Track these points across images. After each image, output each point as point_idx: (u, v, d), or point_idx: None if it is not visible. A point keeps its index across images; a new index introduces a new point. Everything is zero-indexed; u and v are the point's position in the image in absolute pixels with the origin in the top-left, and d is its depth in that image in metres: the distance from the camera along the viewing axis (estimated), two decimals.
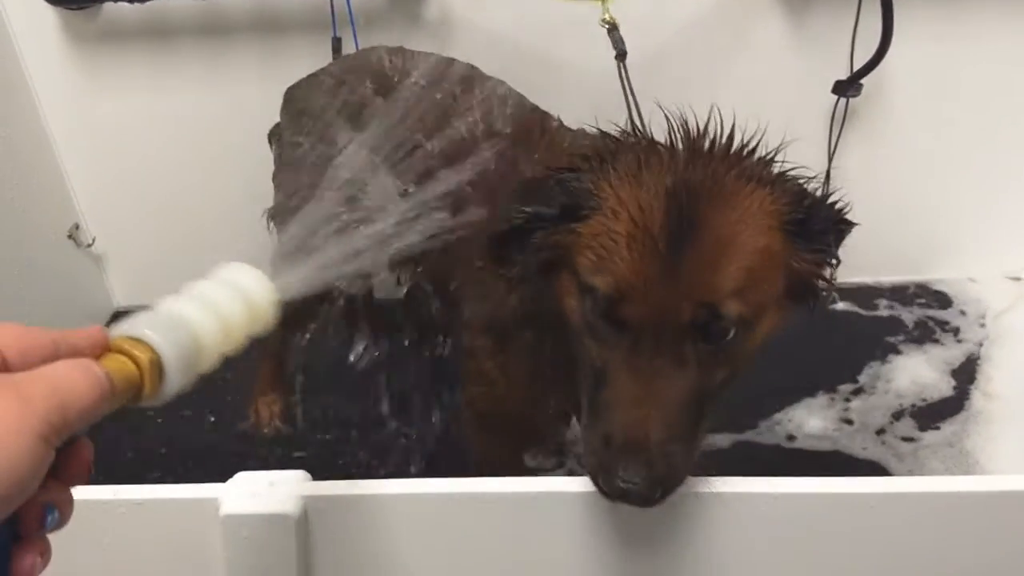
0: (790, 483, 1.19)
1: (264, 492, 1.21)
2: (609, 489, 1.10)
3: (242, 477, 1.24)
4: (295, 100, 1.96)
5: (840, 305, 2.55)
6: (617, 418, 1.12)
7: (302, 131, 1.88)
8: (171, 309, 0.86)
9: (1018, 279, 2.58)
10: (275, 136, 2.02)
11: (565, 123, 1.68)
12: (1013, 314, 2.47)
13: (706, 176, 1.15)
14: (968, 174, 2.48)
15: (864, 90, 2.30)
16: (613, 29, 1.66)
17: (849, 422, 2.17)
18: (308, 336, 2.16)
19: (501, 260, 1.29)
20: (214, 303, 0.88)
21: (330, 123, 1.82)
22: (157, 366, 0.80)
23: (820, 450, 2.11)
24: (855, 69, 2.27)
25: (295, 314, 2.05)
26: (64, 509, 0.75)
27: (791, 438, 2.14)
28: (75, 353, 0.74)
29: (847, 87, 2.28)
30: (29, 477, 0.66)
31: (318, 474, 1.19)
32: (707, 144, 1.21)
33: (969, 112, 2.39)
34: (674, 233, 1.11)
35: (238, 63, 2.36)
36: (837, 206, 1.25)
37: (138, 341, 0.80)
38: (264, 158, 2.07)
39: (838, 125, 2.38)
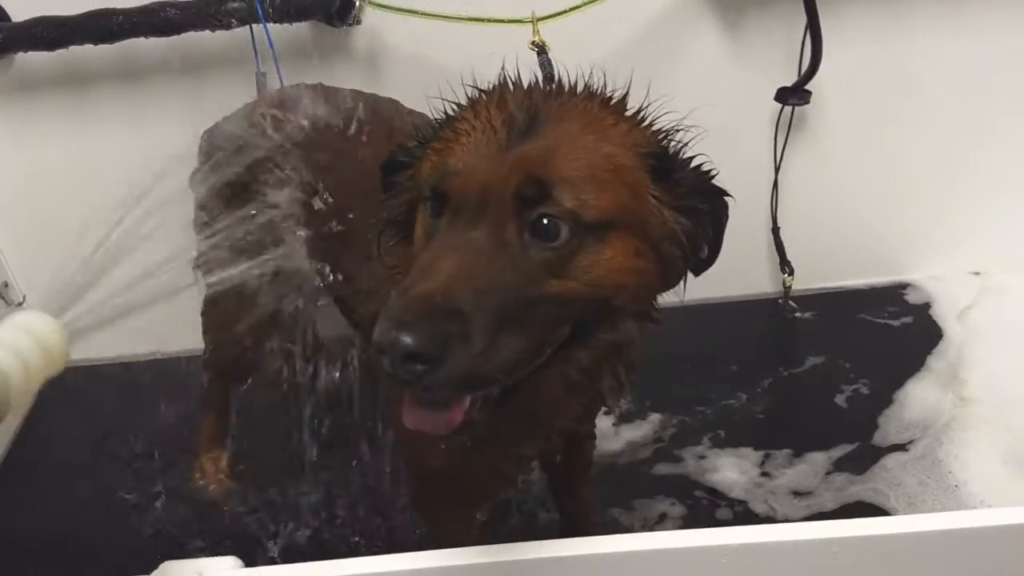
0: (748, 532, 1.14)
1: None
2: (377, 338, 0.95)
3: (168, 567, 1.17)
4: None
5: (806, 314, 2.51)
6: (414, 276, 1.02)
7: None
8: None
9: (979, 274, 2.55)
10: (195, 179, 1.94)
11: None
12: (978, 310, 2.44)
13: (558, 96, 1.16)
14: (920, 174, 2.45)
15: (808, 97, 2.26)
16: (541, 52, 1.61)
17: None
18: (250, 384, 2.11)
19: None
20: (15, 347, 0.93)
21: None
22: None
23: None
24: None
25: (237, 363, 2.01)
26: None
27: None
28: None
29: (789, 95, 2.25)
30: None
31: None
32: (568, 86, 1.20)
33: (915, 112, 2.37)
34: (516, 127, 1.09)
35: (160, 106, 2.28)
36: (703, 167, 1.21)
37: None
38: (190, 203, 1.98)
39: (783, 133, 2.35)
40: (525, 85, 1.20)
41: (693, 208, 1.17)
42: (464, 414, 1.06)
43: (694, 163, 1.19)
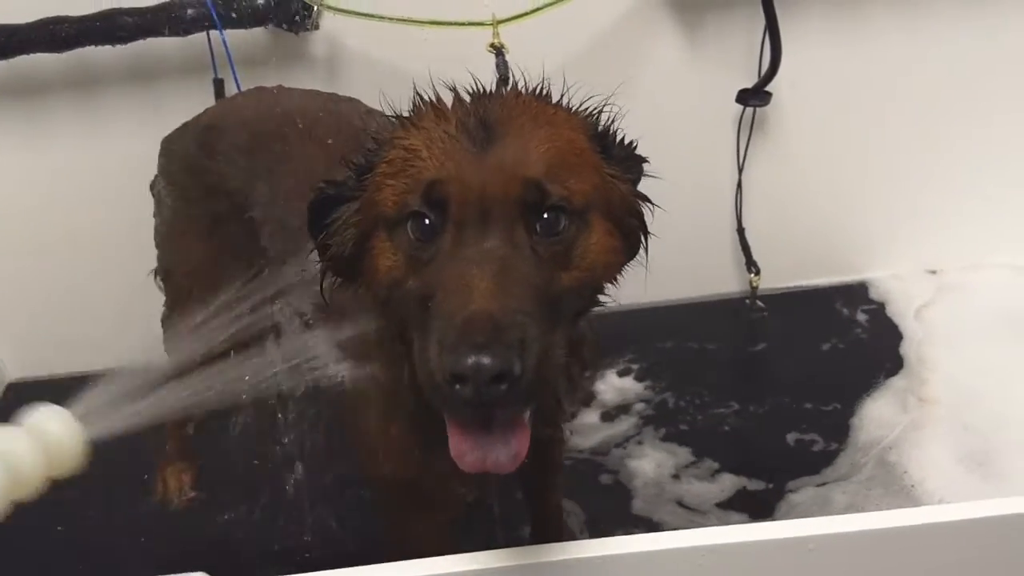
0: (722, 533, 1.13)
1: None
2: (457, 367, 0.94)
3: None
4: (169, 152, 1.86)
5: (771, 315, 2.51)
6: (454, 300, 1.00)
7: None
8: None
9: (935, 272, 2.56)
10: (155, 188, 1.90)
11: None
12: (936, 308, 2.45)
13: (490, 98, 1.17)
14: (878, 173, 2.47)
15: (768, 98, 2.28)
16: (499, 54, 1.60)
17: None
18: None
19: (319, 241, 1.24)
20: (6, 453, 0.87)
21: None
22: None
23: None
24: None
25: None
26: None
27: None
28: None
29: (750, 96, 2.26)
30: None
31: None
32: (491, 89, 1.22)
33: (872, 112, 2.39)
34: (474, 130, 1.09)
35: (115, 115, 2.24)
36: (626, 139, 1.24)
37: None
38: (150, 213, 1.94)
39: (745, 134, 2.36)
40: (447, 99, 1.20)
41: (632, 180, 1.22)
42: (528, 443, 1.06)
43: (619, 137, 1.23)
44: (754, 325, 2.50)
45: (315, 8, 2.12)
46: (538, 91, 1.21)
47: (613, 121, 1.23)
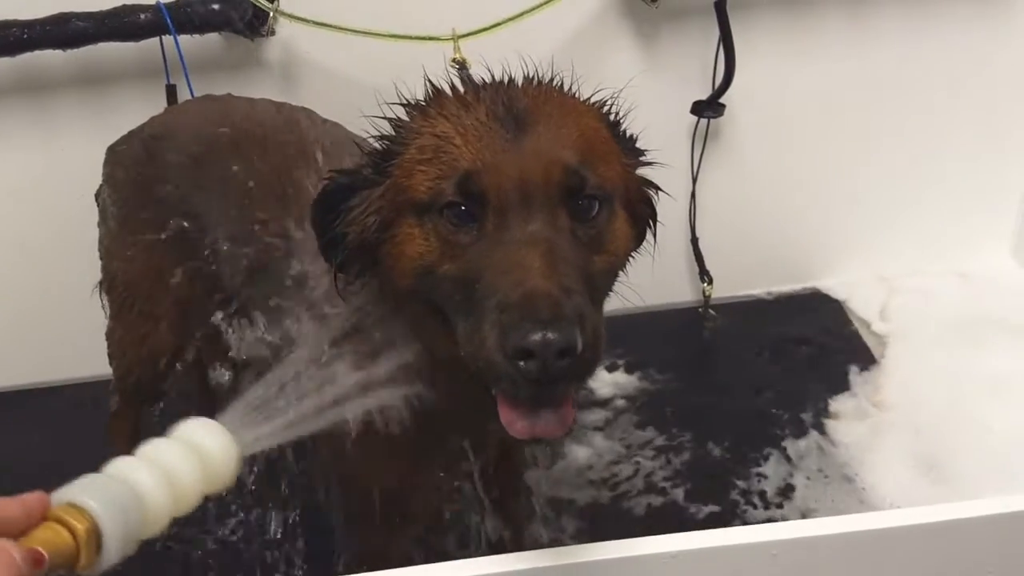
0: (684, 539, 1.14)
1: None
2: (524, 343, 0.95)
3: None
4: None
5: (724, 324, 2.53)
6: (508, 280, 1.01)
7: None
8: (118, 473, 0.85)
9: (885, 278, 2.61)
10: (100, 197, 1.86)
11: None
12: (885, 315, 2.49)
13: (521, 87, 1.19)
14: (829, 182, 2.52)
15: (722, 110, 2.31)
16: (462, 69, 1.60)
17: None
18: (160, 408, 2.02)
19: (325, 240, 1.22)
20: (166, 465, 0.87)
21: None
22: (95, 536, 0.79)
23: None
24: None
25: (146, 386, 1.92)
26: None
27: None
28: (4, 524, 0.75)
29: (704, 108, 2.29)
30: None
31: None
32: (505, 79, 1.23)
33: (823, 123, 2.43)
34: (505, 118, 1.11)
35: (65, 120, 2.20)
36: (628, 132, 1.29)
37: (78, 509, 0.79)
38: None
39: (700, 145, 2.39)
40: (461, 88, 1.21)
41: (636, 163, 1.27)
42: (574, 412, 1.08)
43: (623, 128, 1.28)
44: (706, 334, 2.52)
45: (271, 14, 2.10)
46: (554, 81, 1.23)
47: (620, 113, 1.27)
